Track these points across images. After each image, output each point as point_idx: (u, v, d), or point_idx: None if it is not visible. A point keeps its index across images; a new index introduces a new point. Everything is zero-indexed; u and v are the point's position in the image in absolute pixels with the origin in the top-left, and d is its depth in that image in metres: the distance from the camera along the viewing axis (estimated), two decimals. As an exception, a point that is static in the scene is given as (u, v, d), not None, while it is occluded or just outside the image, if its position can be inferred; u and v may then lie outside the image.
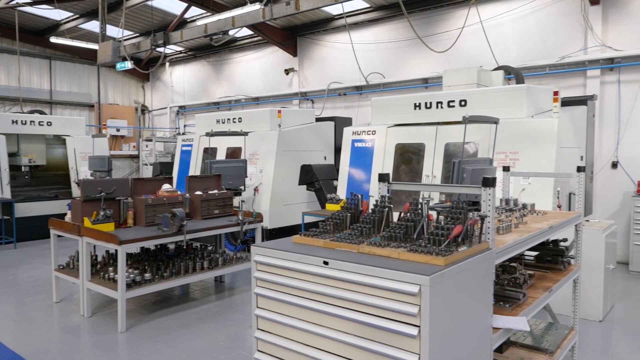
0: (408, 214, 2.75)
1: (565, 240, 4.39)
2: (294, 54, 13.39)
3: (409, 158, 7.30)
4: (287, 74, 13.50)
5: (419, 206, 2.72)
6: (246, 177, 8.54)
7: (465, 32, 9.32)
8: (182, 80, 17.23)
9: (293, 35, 13.30)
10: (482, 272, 2.52)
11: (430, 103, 7.11)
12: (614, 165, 8.49)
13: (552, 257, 4.22)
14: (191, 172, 10.17)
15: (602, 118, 8.57)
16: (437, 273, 2.10)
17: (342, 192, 7.89)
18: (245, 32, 13.67)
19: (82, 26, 14.48)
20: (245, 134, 9.13)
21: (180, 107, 17.22)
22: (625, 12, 8.37)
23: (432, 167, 6.88)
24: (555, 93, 6.00)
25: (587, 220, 6.10)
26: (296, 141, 9.26)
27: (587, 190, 7.08)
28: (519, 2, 9.44)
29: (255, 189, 8.87)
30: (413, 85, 10.96)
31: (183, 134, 16.15)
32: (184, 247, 6.67)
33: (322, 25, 12.62)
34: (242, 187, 8.36)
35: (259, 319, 2.72)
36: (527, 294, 3.36)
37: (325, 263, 2.39)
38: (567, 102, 7.03)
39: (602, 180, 8.56)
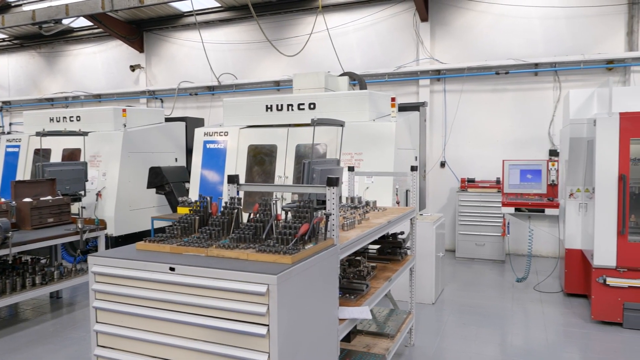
0: (257, 215, 2.78)
1: (402, 233, 4.84)
2: (141, 49, 12.62)
3: (262, 159, 7.37)
4: (133, 70, 12.67)
5: (268, 207, 2.77)
6: (87, 181, 7.82)
7: (314, 38, 9.72)
8: (6, 72, 15.10)
9: (139, 29, 12.53)
10: (328, 268, 2.65)
11: (282, 105, 7.27)
12: (442, 164, 9.59)
13: (391, 249, 4.61)
14: (19, 177, 8.98)
15: (432, 123, 9.63)
16: (285, 271, 2.16)
17: (194, 195, 7.66)
18: (84, 22, 12.48)
19: None
20: (84, 134, 8.34)
21: (4, 102, 15.08)
22: (449, 29, 9.52)
23: (285, 168, 7.04)
24: (393, 99, 6.58)
25: (421, 214, 6.79)
26: (144, 142, 8.75)
27: (421, 187, 7.89)
28: (361, 14, 10.14)
29: (98, 194, 8.17)
30: (265, 88, 11.10)
31: (8, 133, 14.16)
32: (10, 262, 5.86)
33: (171, 21, 12.10)
34: (82, 192, 7.63)
35: (99, 334, 2.51)
36: (370, 284, 3.62)
37: (172, 269, 2.30)
38: (403, 108, 7.74)
39: (433, 178, 9.61)
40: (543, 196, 7.12)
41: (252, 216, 2.79)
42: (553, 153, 8.64)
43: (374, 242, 4.60)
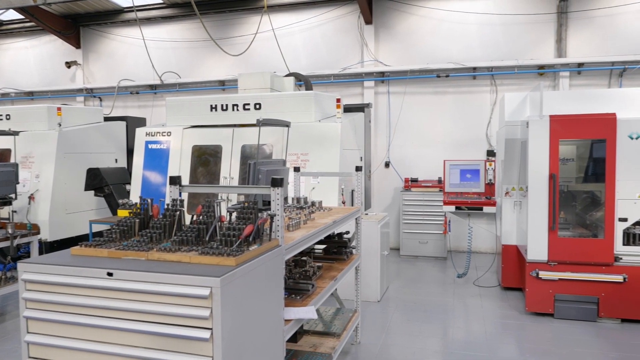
0: (201, 217, 2.73)
1: (348, 232, 4.90)
2: (77, 45, 12.06)
3: (206, 160, 7.24)
4: (69, 67, 12.07)
5: (211, 208, 2.73)
6: (17, 183, 7.37)
7: (259, 38, 9.66)
8: None
9: (75, 24, 11.96)
10: (272, 269, 2.64)
11: (227, 105, 7.18)
12: (387, 164, 9.80)
13: (337, 248, 4.66)
14: (-60, 180, 8.33)
15: (377, 123, 9.82)
16: (228, 274, 2.13)
17: (136, 197, 7.40)
18: (15, 15, 11.78)
19: None
20: (15, 133, 7.87)
21: None
22: (392, 33, 9.74)
23: (230, 169, 6.95)
24: (338, 100, 6.65)
25: (366, 214, 6.91)
26: (81, 142, 8.36)
27: (366, 187, 8.02)
28: (306, 15, 10.18)
29: (31, 197, 7.73)
30: (210, 87, 10.91)
31: None
32: None
33: (110, 16, 11.64)
34: (13, 195, 7.19)
35: (31, 345, 2.38)
36: (316, 284, 3.64)
37: (109, 274, 2.21)
38: (348, 109, 7.83)
39: (378, 177, 9.80)
40: (481, 195, 7.42)
41: (195, 218, 2.73)
42: (490, 153, 9.03)
43: (320, 242, 4.63)
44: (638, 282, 5.28)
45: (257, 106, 7.02)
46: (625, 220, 5.30)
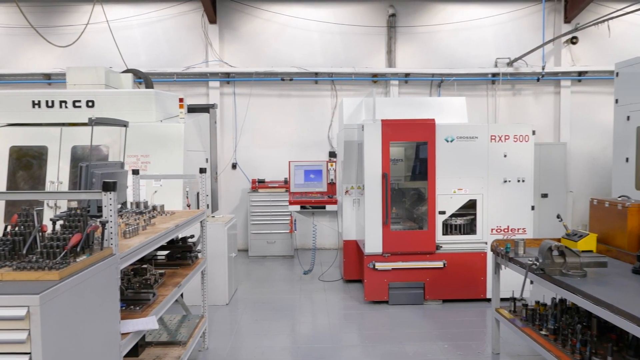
0: (17, 227, 2.41)
1: (192, 236, 4.76)
2: None
3: (28, 163, 6.41)
4: None
5: (30, 217, 2.42)
6: None
7: (93, 29, 8.85)
8: None
9: None
10: (105, 280, 2.45)
11: (53, 102, 6.45)
12: (234, 166, 9.76)
13: (181, 253, 4.50)
14: None
15: (223, 125, 9.71)
16: (50, 290, 1.91)
17: None
18: None
19: None
20: None
21: None
22: (237, 34, 9.72)
23: (58, 173, 6.26)
24: (181, 100, 6.42)
25: (213, 216, 6.79)
26: None
27: (212, 189, 7.88)
28: (146, 9, 9.62)
29: None
30: (33, 80, 9.67)
31: None
32: None
33: None
34: None
35: None
36: (158, 293, 3.47)
37: None
38: (193, 109, 7.60)
39: (225, 179, 9.70)
40: (324, 194, 7.82)
41: (9, 229, 2.40)
42: (332, 154, 9.53)
43: (163, 248, 4.43)
44: (455, 267, 6.06)
45: (90, 104, 6.44)
46: (444, 213, 6.04)
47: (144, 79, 7.76)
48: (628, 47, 9.54)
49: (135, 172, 4.76)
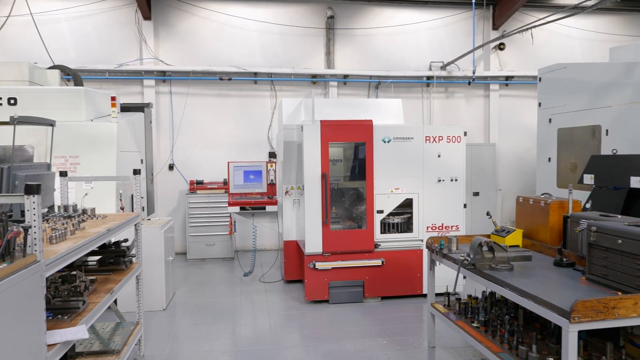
0: None
1: (126, 240, 4.58)
2: None
3: (-59, 165, 5.90)
4: None
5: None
6: None
7: (14, 21, 8.33)
8: None
9: None
10: (28, 289, 2.30)
11: (-31, 99, 5.99)
12: (171, 167, 9.48)
13: (114, 258, 4.32)
14: None
15: (159, 124, 9.42)
16: (-36, 301, 1.78)
17: None
18: None
19: None
20: None
21: None
22: (173, 31, 9.45)
23: (-24, 175, 5.80)
24: (113, 98, 6.16)
25: (149, 219, 6.57)
26: None
27: (148, 191, 7.63)
28: (74, 2, 9.14)
29: None
30: (-54, 75, 8.93)
31: None
32: None
33: None
34: None
35: None
36: (88, 300, 3.31)
37: None
38: (126, 108, 7.33)
39: (162, 181, 9.42)
40: (264, 195, 7.76)
41: None
42: (272, 155, 9.52)
43: (94, 253, 4.23)
44: (392, 265, 6.22)
45: (12, 101, 6.05)
46: (381, 212, 6.18)
47: (72, 76, 7.37)
48: (550, 54, 10.21)
49: (63, 173, 4.51)
